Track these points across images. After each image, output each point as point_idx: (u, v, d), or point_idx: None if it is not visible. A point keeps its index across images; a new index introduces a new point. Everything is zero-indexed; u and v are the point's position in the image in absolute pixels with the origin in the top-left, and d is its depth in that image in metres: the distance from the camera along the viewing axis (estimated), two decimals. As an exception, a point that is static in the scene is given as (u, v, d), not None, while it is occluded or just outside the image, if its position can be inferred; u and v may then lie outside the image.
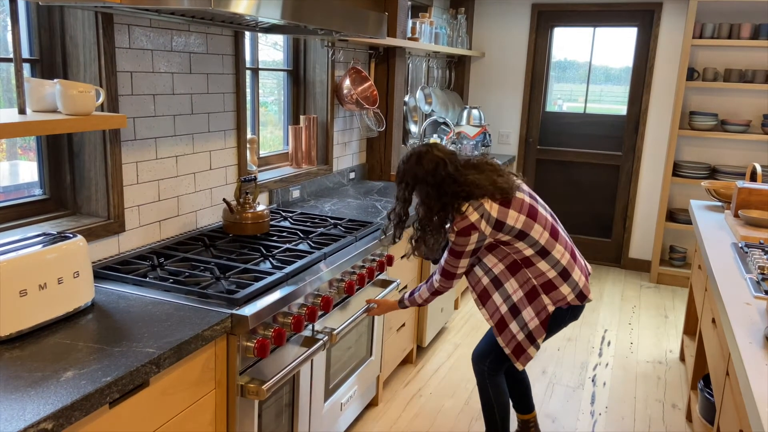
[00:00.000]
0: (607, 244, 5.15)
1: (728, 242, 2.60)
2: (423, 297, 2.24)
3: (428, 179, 2.02)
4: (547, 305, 2.11)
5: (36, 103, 1.61)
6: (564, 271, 2.11)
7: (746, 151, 4.57)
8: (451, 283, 2.17)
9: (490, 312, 2.17)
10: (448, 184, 2.01)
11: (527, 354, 2.16)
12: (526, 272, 2.09)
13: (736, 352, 1.59)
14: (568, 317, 2.19)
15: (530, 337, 2.13)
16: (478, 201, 2.01)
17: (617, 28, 4.87)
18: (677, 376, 3.30)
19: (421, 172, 2.03)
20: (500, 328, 2.16)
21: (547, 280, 2.10)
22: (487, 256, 2.12)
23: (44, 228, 1.90)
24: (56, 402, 1.18)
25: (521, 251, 2.07)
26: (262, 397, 1.68)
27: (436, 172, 2.02)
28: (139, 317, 1.59)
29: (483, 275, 2.16)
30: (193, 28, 2.27)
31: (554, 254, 2.10)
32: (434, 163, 2.02)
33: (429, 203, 2.03)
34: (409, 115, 4.33)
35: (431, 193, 2.02)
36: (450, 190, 2.01)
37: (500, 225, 2.03)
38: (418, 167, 2.04)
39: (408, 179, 2.06)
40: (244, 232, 2.31)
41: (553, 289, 2.10)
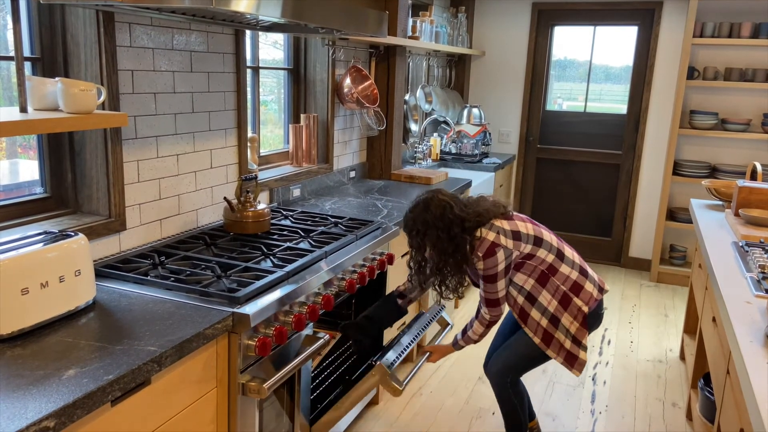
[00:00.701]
0: (607, 243, 5.15)
1: (729, 241, 2.60)
2: (478, 333, 2.25)
3: (437, 224, 2.09)
4: (581, 306, 2.16)
5: (37, 101, 1.61)
6: (582, 269, 2.22)
7: (746, 150, 4.57)
8: (499, 309, 2.19)
9: (532, 329, 2.19)
10: (456, 225, 2.09)
11: (580, 360, 2.18)
12: (554, 280, 2.16)
13: (737, 351, 1.59)
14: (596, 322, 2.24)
15: (576, 341, 2.17)
16: (487, 223, 2.11)
17: (617, 27, 4.87)
18: (677, 375, 3.30)
19: (430, 217, 2.10)
20: (547, 342, 2.18)
21: (573, 283, 2.17)
22: (517, 274, 2.17)
23: (45, 226, 1.90)
24: (58, 400, 1.18)
25: (544, 259, 2.15)
26: (263, 395, 1.68)
27: (444, 216, 2.09)
28: (140, 316, 1.59)
29: (517, 294, 2.19)
30: (194, 27, 2.27)
31: (567, 255, 2.20)
32: (441, 207, 2.11)
33: (441, 246, 2.10)
34: (409, 114, 4.33)
35: (442, 236, 2.09)
36: (459, 230, 2.09)
37: (517, 235, 2.12)
38: (426, 213, 2.11)
39: (418, 226, 2.12)
40: (244, 231, 2.31)
41: (581, 290, 2.17)
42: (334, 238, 2.35)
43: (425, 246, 2.14)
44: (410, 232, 2.16)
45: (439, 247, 2.10)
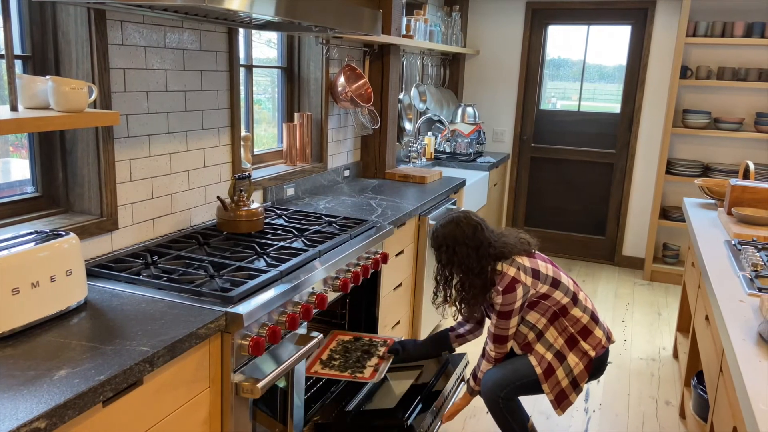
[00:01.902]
0: (600, 242, 5.17)
1: (721, 240, 2.61)
2: (484, 370, 2.27)
3: (468, 242, 2.13)
4: (588, 351, 2.17)
5: (28, 99, 1.60)
6: (593, 315, 2.22)
7: (739, 148, 4.59)
8: (505, 347, 2.21)
9: (537, 360, 2.19)
10: (485, 247, 2.13)
11: (569, 400, 2.18)
12: (564, 321, 2.17)
13: (730, 349, 1.60)
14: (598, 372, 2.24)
15: (574, 382, 2.17)
16: (509, 258, 2.14)
17: (611, 26, 4.89)
18: (670, 373, 3.31)
19: (461, 235, 2.13)
20: (547, 375, 2.18)
21: (582, 326, 2.18)
22: (530, 313, 2.18)
23: (36, 226, 1.89)
24: (49, 401, 1.17)
25: (559, 301, 2.16)
26: (257, 395, 1.68)
27: (475, 235, 2.13)
28: (132, 315, 1.58)
29: (528, 332, 2.20)
30: (187, 25, 2.25)
31: (581, 300, 2.21)
32: (473, 227, 2.15)
33: (470, 264, 2.12)
34: (403, 113, 4.33)
35: (471, 255, 2.12)
36: (487, 252, 2.12)
37: (537, 273, 2.14)
38: (457, 230, 2.14)
39: (448, 242, 2.15)
40: (238, 230, 2.30)
41: (589, 334, 2.18)
42: (328, 237, 2.34)
43: (453, 262, 2.16)
44: (439, 247, 2.18)
45: (467, 265, 2.12)
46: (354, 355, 2.35)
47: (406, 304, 3.15)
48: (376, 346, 2.42)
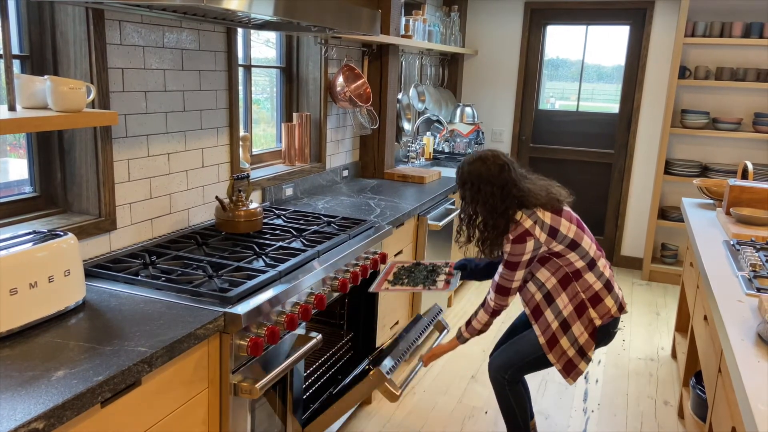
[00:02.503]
0: (599, 242, 5.16)
1: (720, 240, 2.61)
2: (482, 321, 2.22)
3: (493, 180, 2.07)
4: (594, 319, 2.14)
5: (26, 99, 1.60)
6: (608, 283, 2.17)
7: (738, 149, 4.59)
8: (506, 300, 2.17)
9: (542, 329, 2.18)
10: (510, 187, 2.07)
11: (578, 369, 2.16)
12: (576, 285, 2.13)
13: (729, 349, 1.60)
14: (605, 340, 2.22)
15: (581, 351, 2.15)
16: (531, 209, 2.08)
17: (609, 27, 4.89)
18: (669, 373, 3.31)
19: (487, 172, 2.08)
20: (551, 345, 2.17)
21: (594, 293, 2.14)
22: (540, 270, 2.14)
23: (35, 226, 1.88)
24: (47, 401, 1.17)
25: (573, 263, 2.12)
26: (255, 395, 1.68)
27: (501, 174, 2.08)
28: (130, 316, 1.58)
29: (536, 291, 2.17)
30: (185, 25, 2.25)
31: (599, 265, 2.16)
32: (499, 166, 2.09)
33: (494, 203, 2.07)
34: (402, 113, 4.33)
35: (496, 194, 2.07)
36: (512, 194, 2.07)
37: (554, 232, 2.08)
38: (483, 168, 2.09)
39: (473, 179, 2.10)
40: (236, 230, 2.29)
41: (599, 302, 2.14)
42: (327, 237, 2.34)
43: (477, 200, 2.10)
44: (464, 184, 2.13)
45: (491, 204, 2.07)
46: (420, 275, 2.35)
47: (405, 305, 3.14)
48: (440, 267, 2.43)
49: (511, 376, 2.27)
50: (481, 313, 2.22)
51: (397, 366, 2.16)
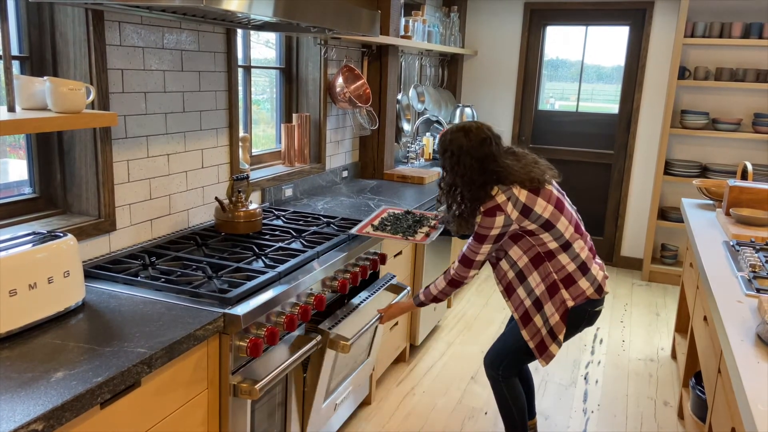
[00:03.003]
0: (599, 243, 5.17)
1: (720, 240, 2.61)
2: (439, 287, 2.20)
3: (473, 152, 2.07)
4: (566, 300, 2.13)
5: (25, 100, 1.60)
6: (583, 265, 2.15)
7: (737, 149, 4.60)
8: (468, 272, 2.15)
9: (515, 305, 2.19)
10: (489, 161, 2.07)
11: (549, 351, 2.17)
12: (548, 266, 2.12)
13: (728, 350, 1.60)
14: (585, 321, 2.20)
15: (551, 333, 2.15)
16: (507, 186, 2.07)
17: (609, 27, 4.89)
18: (669, 374, 3.31)
19: (467, 144, 2.07)
20: (525, 322, 2.17)
21: (567, 275, 2.12)
22: (513, 247, 2.13)
23: (34, 227, 1.88)
24: (47, 403, 1.17)
25: (546, 243, 2.10)
26: (255, 396, 1.68)
27: (482, 147, 2.07)
28: (130, 317, 1.58)
29: (509, 269, 2.17)
30: (185, 26, 2.25)
31: (575, 247, 2.13)
32: (481, 139, 2.09)
33: (471, 176, 2.07)
34: (401, 114, 4.33)
35: (474, 166, 2.06)
36: (490, 168, 2.07)
37: (527, 211, 2.06)
38: (465, 139, 2.08)
39: (453, 148, 2.10)
40: (236, 231, 2.29)
41: (572, 284, 2.12)
42: (327, 238, 2.34)
43: (456, 172, 2.10)
44: (444, 152, 2.13)
45: (469, 176, 2.07)
46: (405, 223, 2.37)
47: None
48: (427, 219, 2.44)
49: (504, 370, 2.28)
50: (440, 279, 2.21)
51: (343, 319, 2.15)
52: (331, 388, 2.28)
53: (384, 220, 2.38)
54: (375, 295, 2.39)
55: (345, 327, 2.15)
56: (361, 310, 2.28)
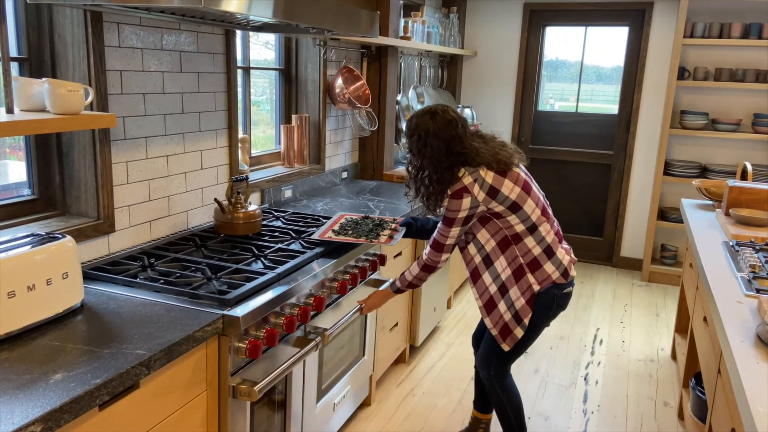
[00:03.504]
0: (598, 243, 5.17)
1: (719, 241, 2.61)
2: (413, 273, 2.21)
3: (440, 134, 2.08)
4: (532, 284, 2.13)
5: (24, 102, 1.59)
6: (548, 249, 2.15)
7: (737, 149, 4.59)
8: (439, 256, 2.16)
9: (479, 292, 2.20)
10: (456, 143, 2.09)
11: (513, 335, 2.17)
12: (515, 249, 2.13)
13: (728, 351, 1.59)
14: (555, 304, 2.19)
15: (516, 316, 2.15)
16: (474, 168, 2.08)
17: (608, 28, 4.89)
18: (669, 374, 3.31)
19: (434, 126, 2.09)
20: (489, 309, 2.18)
21: (532, 258, 2.13)
22: (481, 231, 2.14)
23: (33, 228, 1.88)
24: (45, 404, 1.17)
25: (513, 226, 2.11)
26: (254, 398, 1.67)
27: (448, 129, 2.09)
28: (129, 318, 1.58)
29: (476, 253, 2.18)
30: (184, 27, 2.25)
31: (541, 230, 2.14)
32: (447, 121, 2.10)
33: (439, 158, 2.09)
34: (401, 115, 4.32)
35: (441, 148, 2.08)
36: (456, 150, 2.08)
37: (494, 192, 2.06)
38: (431, 122, 2.10)
39: (421, 132, 2.12)
40: (235, 232, 2.29)
41: (538, 268, 2.13)
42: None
43: (423, 154, 2.11)
44: (411, 136, 2.15)
45: (436, 158, 2.08)
46: (366, 228, 2.38)
47: (404, 307, 3.14)
48: (387, 222, 2.46)
49: (496, 370, 2.29)
50: (413, 265, 2.22)
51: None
52: (324, 386, 2.28)
53: (344, 225, 2.38)
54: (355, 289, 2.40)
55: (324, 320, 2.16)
56: (341, 303, 2.29)
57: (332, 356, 2.32)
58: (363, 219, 2.48)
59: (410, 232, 2.43)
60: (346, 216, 2.51)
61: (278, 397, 1.96)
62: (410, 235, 2.44)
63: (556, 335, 3.72)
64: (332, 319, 2.22)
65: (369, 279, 2.53)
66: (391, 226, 2.44)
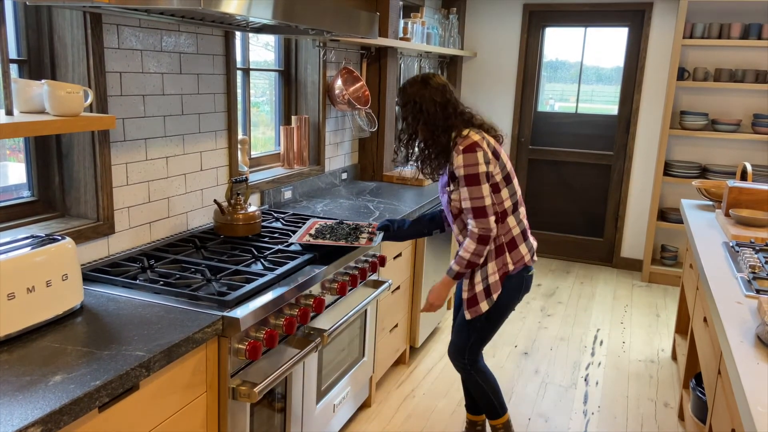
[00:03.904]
0: (599, 244, 5.17)
1: (719, 241, 2.61)
2: (470, 249, 2.12)
3: (435, 98, 2.15)
4: (508, 263, 2.20)
5: (23, 104, 1.59)
6: (524, 231, 2.26)
7: (737, 150, 4.59)
8: (488, 222, 2.09)
9: None
10: (450, 107, 2.16)
11: (478, 307, 2.21)
12: (500, 227, 2.18)
13: (728, 351, 1.59)
14: (523, 286, 2.26)
15: (487, 290, 2.19)
16: (476, 129, 2.16)
17: (608, 28, 4.89)
18: (669, 375, 3.31)
19: (428, 92, 2.15)
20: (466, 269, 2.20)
21: (512, 238, 2.20)
22: None
23: (32, 230, 1.88)
24: (45, 406, 1.17)
25: (503, 201, 2.16)
26: (254, 399, 1.67)
27: (443, 93, 2.16)
28: (128, 320, 1.58)
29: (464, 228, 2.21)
30: (183, 28, 2.25)
31: (521, 211, 2.24)
32: (440, 85, 2.17)
33: (435, 121, 2.14)
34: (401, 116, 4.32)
35: (438, 113, 2.14)
36: (451, 113, 2.15)
37: (497, 155, 2.15)
38: (425, 88, 2.16)
39: (416, 98, 2.16)
40: (235, 234, 2.29)
41: (515, 248, 2.20)
42: (326, 240, 2.34)
43: (418, 119, 2.15)
44: (405, 104, 2.19)
45: (433, 122, 2.14)
46: (342, 232, 2.37)
47: (404, 307, 3.14)
48: (363, 227, 2.46)
49: (470, 357, 2.33)
50: (467, 241, 2.13)
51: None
52: (324, 387, 2.28)
53: (319, 230, 2.37)
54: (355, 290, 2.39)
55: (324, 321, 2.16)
56: (341, 305, 2.29)
57: (332, 357, 2.32)
58: (338, 224, 2.46)
59: (388, 235, 2.43)
60: (320, 222, 2.49)
61: (278, 399, 1.96)
62: (389, 237, 2.44)
63: (556, 336, 3.72)
64: (332, 321, 2.22)
65: (368, 280, 2.53)
66: (368, 230, 2.43)
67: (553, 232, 5.28)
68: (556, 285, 4.65)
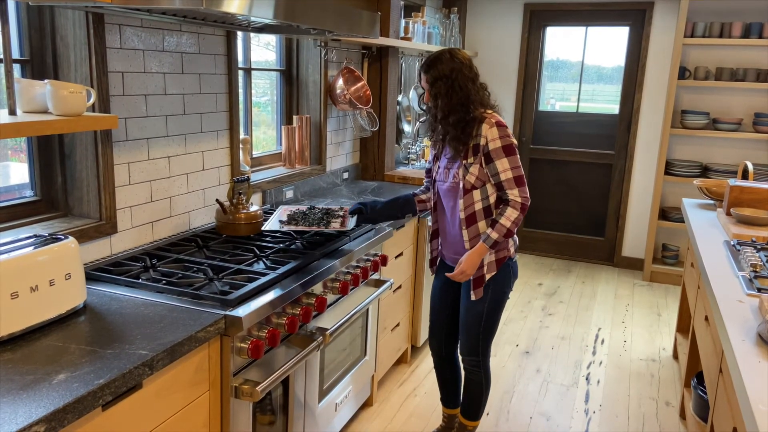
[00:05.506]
0: (600, 243, 5.17)
1: (720, 240, 2.61)
2: (511, 218, 2.12)
3: (465, 70, 2.14)
4: (510, 247, 2.25)
5: (26, 103, 1.60)
6: None
7: (738, 149, 4.59)
8: (527, 190, 2.15)
9: (471, 235, 2.20)
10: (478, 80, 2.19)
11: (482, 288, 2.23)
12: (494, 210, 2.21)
13: (729, 350, 1.60)
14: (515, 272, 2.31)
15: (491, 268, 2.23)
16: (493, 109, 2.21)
17: (609, 28, 4.89)
18: (670, 374, 3.31)
19: (459, 64, 2.14)
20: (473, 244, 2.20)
21: None
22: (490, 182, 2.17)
23: (35, 230, 1.89)
24: (48, 405, 1.17)
25: None
26: (257, 398, 1.68)
27: (471, 68, 2.17)
28: (131, 319, 1.58)
29: (479, 200, 2.18)
30: (185, 28, 2.26)
31: None
32: (468, 59, 2.18)
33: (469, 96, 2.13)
34: (402, 115, 4.33)
35: (470, 87, 2.14)
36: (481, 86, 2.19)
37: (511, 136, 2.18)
38: (454, 61, 2.14)
39: (447, 72, 2.13)
40: (237, 233, 2.30)
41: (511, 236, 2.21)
42: (327, 239, 2.34)
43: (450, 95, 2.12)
44: (435, 81, 2.14)
45: (465, 96, 2.12)
46: (314, 217, 2.37)
47: (405, 307, 3.14)
48: (335, 211, 2.46)
49: (482, 351, 2.34)
50: (509, 210, 2.12)
51: None
52: (325, 386, 2.29)
53: (291, 216, 2.38)
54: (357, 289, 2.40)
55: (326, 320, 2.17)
56: (341, 303, 2.29)
57: (334, 357, 2.32)
58: (309, 209, 2.47)
59: (362, 218, 2.42)
60: (291, 209, 2.49)
61: (280, 397, 1.96)
62: (363, 220, 2.42)
63: (557, 335, 3.73)
64: (334, 320, 2.22)
65: (370, 279, 2.53)
66: (339, 214, 2.43)
67: (555, 232, 5.28)
68: (557, 284, 4.65)
